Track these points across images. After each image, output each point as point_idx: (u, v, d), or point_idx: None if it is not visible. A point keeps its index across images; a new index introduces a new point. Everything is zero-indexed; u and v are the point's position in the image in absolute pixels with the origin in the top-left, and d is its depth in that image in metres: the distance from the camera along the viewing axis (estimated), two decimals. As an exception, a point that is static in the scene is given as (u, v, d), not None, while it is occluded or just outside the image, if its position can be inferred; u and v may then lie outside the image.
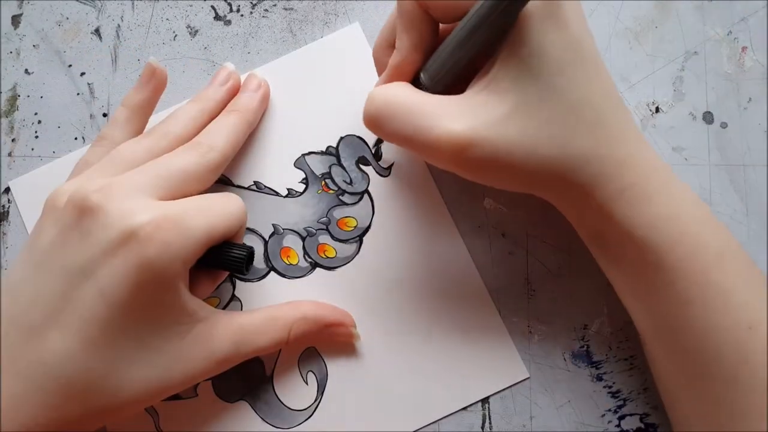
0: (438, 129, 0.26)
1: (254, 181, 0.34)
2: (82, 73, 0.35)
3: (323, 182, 0.34)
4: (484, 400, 0.32)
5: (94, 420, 0.26)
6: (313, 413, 0.32)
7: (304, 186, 0.34)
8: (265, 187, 0.34)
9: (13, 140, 0.35)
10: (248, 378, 0.32)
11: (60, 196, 0.27)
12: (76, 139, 0.35)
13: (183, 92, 0.35)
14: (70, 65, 0.36)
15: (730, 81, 0.34)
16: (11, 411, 0.25)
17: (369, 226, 0.33)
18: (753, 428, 0.24)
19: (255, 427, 0.32)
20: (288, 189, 0.34)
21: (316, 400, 0.32)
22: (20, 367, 0.25)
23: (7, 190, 0.34)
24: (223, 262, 0.28)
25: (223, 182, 0.34)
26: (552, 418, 0.32)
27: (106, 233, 0.25)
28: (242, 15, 0.36)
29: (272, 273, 0.33)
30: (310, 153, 0.34)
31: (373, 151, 0.34)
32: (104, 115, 0.35)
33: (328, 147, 0.34)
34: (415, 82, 0.29)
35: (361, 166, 0.34)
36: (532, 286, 0.33)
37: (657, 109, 0.34)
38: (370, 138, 0.34)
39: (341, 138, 0.34)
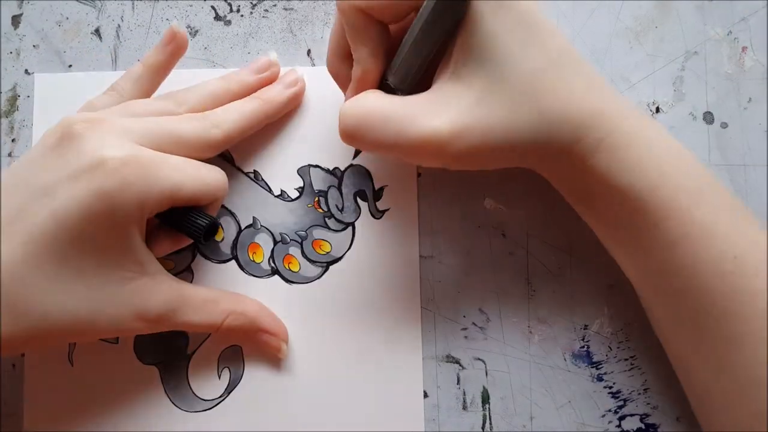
0: (418, 129, 0.26)
1: (254, 170, 0.34)
2: (82, 73, 0.35)
3: (317, 198, 0.34)
4: (485, 401, 0.32)
5: (17, 342, 0.26)
6: (212, 407, 0.32)
7: (297, 194, 0.34)
8: (262, 179, 0.34)
9: (13, 140, 0.35)
10: (169, 347, 0.33)
11: (59, 123, 0.28)
12: (76, 139, 0.35)
13: (183, 92, 0.35)
14: (70, 65, 0.36)
15: (730, 81, 0.34)
16: None
17: (341, 257, 0.33)
18: (748, 356, 0.24)
19: (155, 396, 0.32)
20: (282, 190, 0.34)
21: (221, 397, 0.32)
22: None
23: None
24: (184, 226, 0.29)
25: (225, 158, 0.34)
26: (552, 419, 0.32)
27: (76, 158, 0.26)
28: (242, 15, 0.36)
29: (233, 262, 0.33)
30: (316, 166, 0.34)
31: (374, 189, 0.34)
32: (104, 115, 0.35)
33: (334, 168, 0.34)
34: (383, 86, 0.29)
35: (358, 199, 0.34)
36: (532, 286, 0.33)
37: (657, 109, 0.34)
38: (378, 177, 0.34)
39: (350, 165, 0.34)
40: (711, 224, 0.25)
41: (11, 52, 0.36)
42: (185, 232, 0.29)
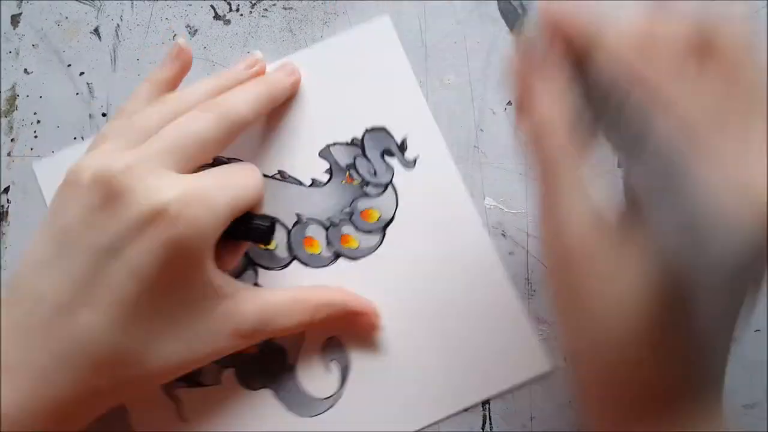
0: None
1: (278, 170, 0.34)
2: (81, 73, 0.35)
3: (347, 173, 0.34)
4: (485, 401, 0.32)
5: (122, 391, 0.27)
6: (335, 403, 0.32)
7: (328, 176, 0.34)
8: (290, 176, 0.34)
9: (12, 140, 0.35)
10: (271, 367, 0.32)
11: (82, 171, 0.27)
12: (75, 138, 0.35)
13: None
14: (69, 65, 0.35)
15: (731, 80, 0.34)
16: (41, 386, 0.25)
17: (392, 218, 0.33)
18: None
19: (278, 415, 0.32)
20: (312, 179, 0.34)
21: (338, 390, 0.32)
22: (50, 343, 0.25)
23: (7, 189, 0.34)
24: (247, 233, 0.29)
25: None
26: (552, 419, 0.32)
27: (133, 212, 0.25)
28: (242, 14, 0.36)
29: (295, 262, 0.33)
30: (335, 144, 0.34)
31: (398, 144, 0.34)
32: (103, 114, 0.35)
33: (353, 138, 0.34)
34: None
35: (386, 158, 0.34)
36: (533, 286, 0.33)
37: (658, 109, 0.34)
38: (396, 131, 0.34)
39: (366, 130, 0.34)
40: None
41: (10, 52, 0.36)
42: (251, 238, 0.29)
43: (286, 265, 0.33)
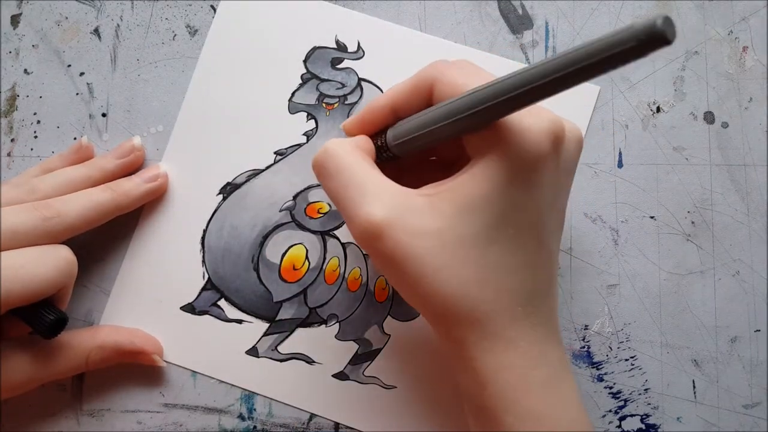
0: (360, 210, 0.25)
1: (274, 153, 0.34)
2: (82, 73, 0.35)
3: (324, 103, 0.34)
4: None
5: None
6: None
7: (313, 121, 0.34)
8: (286, 148, 0.34)
9: (12, 140, 0.35)
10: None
11: None
12: (75, 139, 0.35)
13: (183, 92, 0.35)
14: (69, 65, 0.35)
15: (731, 81, 0.34)
16: None
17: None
18: None
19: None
20: (304, 134, 0.34)
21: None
22: None
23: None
24: (30, 322, 0.28)
25: (254, 172, 0.34)
26: (552, 419, 0.32)
27: None
28: (242, 14, 0.36)
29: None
30: (293, 94, 0.35)
31: (336, 47, 0.35)
32: (103, 114, 0.35)
33: (302, 76, 0.35)
34: (377, 135, 0.29)
35: (339, 66, 0.35)
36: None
37: (658, 109, 0.34)
38: (325, 43, 0.35)
39: (304, 62, 0.35)
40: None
41: (10, 52, 0.36)
42: (32, 328, 0.29)
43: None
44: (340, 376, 0.33)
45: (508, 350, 0.24)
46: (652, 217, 0.34)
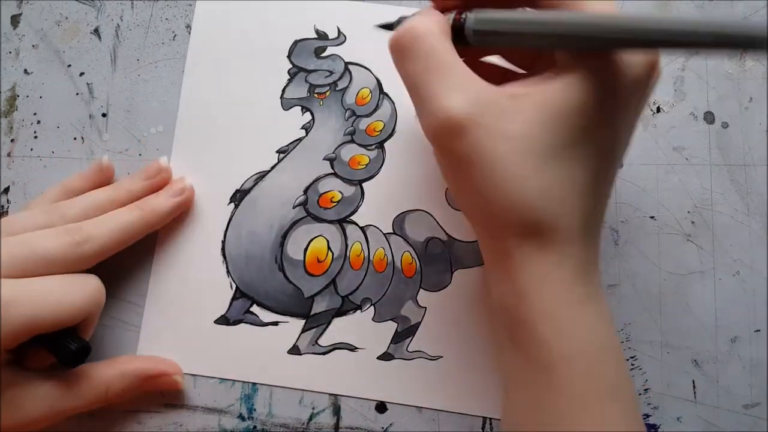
0: (442, 101, 0.24)
1: (276, 151, 0.34)
2: (82, 73, 0.35)
3: (315, 94, 0.35)
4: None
5: None
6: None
7: (308, 112, 0.35)
8: (288, 145, 0.34)
9: (12, 140, 0.35)
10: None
11: None
12: (75, 139, 0.35)
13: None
14: (69, 65, 0.35)
15: (731, 81, 0.34)
16: None
17: (379, 82, 0.35)
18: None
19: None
20: (303, 128, 0.34)
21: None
22: None
23: (7, 190, 0.34)
24: (53, 350, 0.28)
25: (260, 174, 0.34)
26: (552, 419, 0.32)
27: None
28: (242, 14, 0.36)
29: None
30: (284, 88, 0.35)
31: (316, 35, 0.35)
32: (103, 115, 0.35)
33: (289, 70, 0.35)
34: (455, 21, 0.26)
35: (323, 54, 0.35)
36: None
37: (658, 109, 0.34)
38: (304, 34, 0.35)
39: (288, 57, 0.35)
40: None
41: (10, 52, 0.36)
42: (55, 356, 0.28)
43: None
44: (385, 356, 0.32)
45: (558, 264, 0.24)
46: (652, 217, 0.34)
